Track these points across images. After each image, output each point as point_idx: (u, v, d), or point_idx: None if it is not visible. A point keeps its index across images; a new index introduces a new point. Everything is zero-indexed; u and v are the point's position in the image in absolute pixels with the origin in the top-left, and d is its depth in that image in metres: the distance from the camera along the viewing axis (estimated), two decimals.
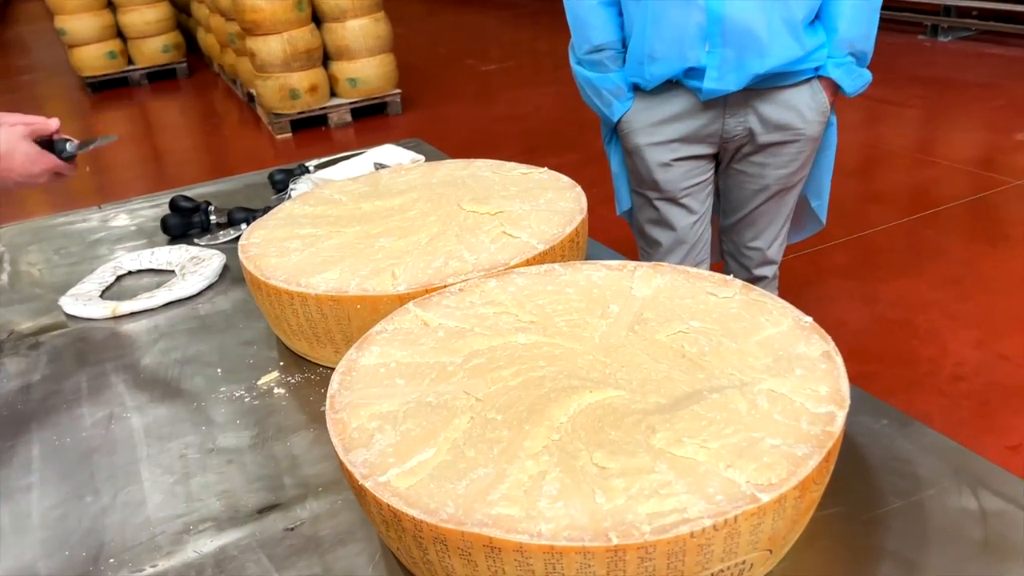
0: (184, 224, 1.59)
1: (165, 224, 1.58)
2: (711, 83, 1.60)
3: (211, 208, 1.61)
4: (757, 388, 0.76)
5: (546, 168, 1.33)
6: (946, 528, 0.75)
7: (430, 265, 1.04)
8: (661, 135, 1.72)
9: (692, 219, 1.84)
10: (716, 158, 1.81)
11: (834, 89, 1.68)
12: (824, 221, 1.95)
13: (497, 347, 0.87)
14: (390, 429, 0.75)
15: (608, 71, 1.71)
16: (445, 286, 0.99)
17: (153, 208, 1.74)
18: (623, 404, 0.77)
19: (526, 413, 0.76)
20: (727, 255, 1.98)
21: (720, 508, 0.62)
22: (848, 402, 0.73)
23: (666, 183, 1.77)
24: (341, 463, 0.71)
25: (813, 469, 0.66)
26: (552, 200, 1.20)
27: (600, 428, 0.73)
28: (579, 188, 1.24)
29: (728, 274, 0.98)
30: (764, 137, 1.70)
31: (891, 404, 0.91)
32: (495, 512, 0.64)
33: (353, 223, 1.19)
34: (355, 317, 1.01)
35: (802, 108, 1.66)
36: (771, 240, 1.88)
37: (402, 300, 0.99)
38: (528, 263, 1.04)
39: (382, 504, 0.67)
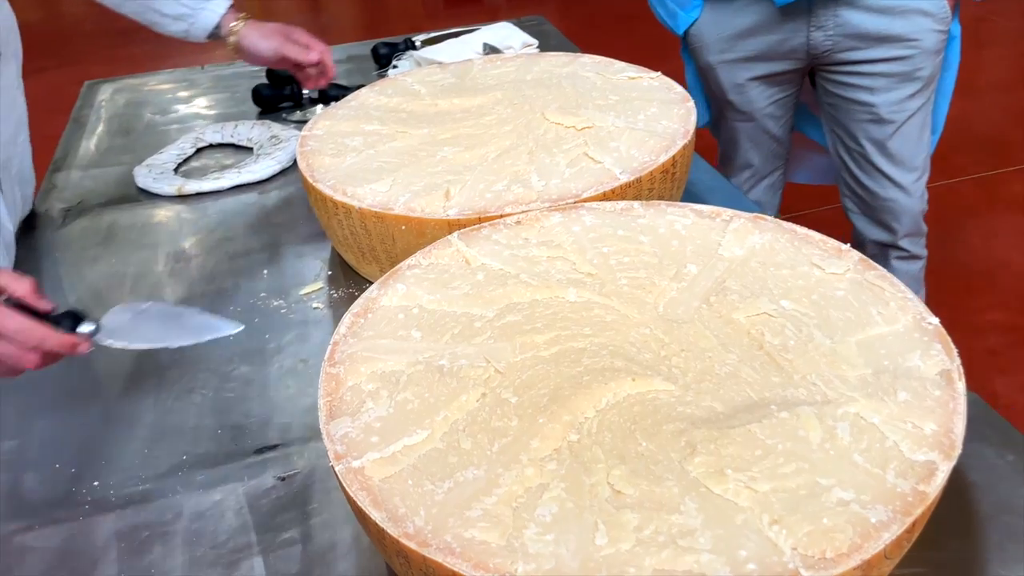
0: (276, 96, 1.50)
1: (257, 94, 1.50)
2: None
3: None
4: (841, 411, 0.60)
5: (660, 73, 1.14)
6: None
7: (491, 187, 0.90)
8: (735, 52, 1.45)
9: (771, 141, 1.57)
10: (805, 72, 1.50)
11: None
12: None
13: (540, 302, 0.74)
14: (386, 397, 0.64)
15: None
16: (501, 216, 0.85)
17: (255, 74, 1.66)
18: (668, 404, 0.62)
19: (547, 400, 0.63)
20: (851, 214, 1.61)
21: None
22: (959, 451, 0.56)
23: (743, 104, 1.51)
24: (322, 432, 0.62)
25: (888, 544, 0.51)
26: (654, 117, 1.01)
27: (631, 433, 0.60)
28: (691, 103, 1.04)
29: (847, 242, 0.78)
30: (862, 54, 1.38)
31: None
32: (469, 535, 0.52)
33: (423, 124, 1.05)
34: (400, 238, 0.89)
35: (911, 14, 1.33)
36: (907, 194, 1.50)
37: (451, 226, 0.86)
38: (605, 197, 0.88)
39: (348, 496, 0.57)
